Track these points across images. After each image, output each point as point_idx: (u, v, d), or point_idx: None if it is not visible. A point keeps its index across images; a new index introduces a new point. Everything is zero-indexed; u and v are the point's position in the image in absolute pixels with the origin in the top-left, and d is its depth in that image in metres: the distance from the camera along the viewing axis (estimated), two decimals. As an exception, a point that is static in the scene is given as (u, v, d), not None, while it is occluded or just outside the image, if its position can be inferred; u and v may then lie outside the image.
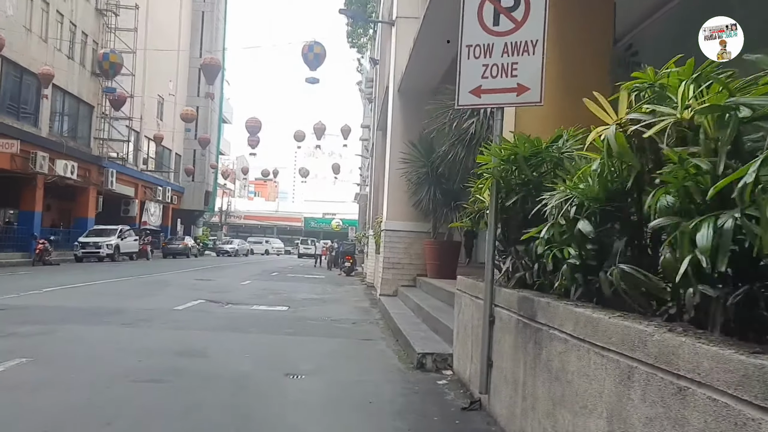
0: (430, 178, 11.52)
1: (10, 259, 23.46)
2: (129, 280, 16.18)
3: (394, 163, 12.25)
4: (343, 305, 12.59)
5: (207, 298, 12.18)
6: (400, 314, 9.05)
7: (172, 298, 11.95)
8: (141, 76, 36.60)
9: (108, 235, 28.56)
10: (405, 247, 12.19)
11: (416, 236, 12.19)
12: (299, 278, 21.99)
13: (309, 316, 10.08)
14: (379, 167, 19.00)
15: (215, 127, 52.47)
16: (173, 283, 15.71)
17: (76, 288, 13.14)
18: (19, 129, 24.15)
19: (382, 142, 18.86)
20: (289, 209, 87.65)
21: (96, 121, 31.79)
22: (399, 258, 12.16)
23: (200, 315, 9.44)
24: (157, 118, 40.91)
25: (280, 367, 5.73)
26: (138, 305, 10.38)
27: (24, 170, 24.70)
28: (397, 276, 12.17)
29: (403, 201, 12.17)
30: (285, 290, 15.65)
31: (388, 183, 12.52)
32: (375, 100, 22.18)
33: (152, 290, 13.43)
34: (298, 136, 33.13)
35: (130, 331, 7.56)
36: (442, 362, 5.75)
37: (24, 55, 24.16)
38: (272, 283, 18.12)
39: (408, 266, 12.19)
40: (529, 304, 3.45)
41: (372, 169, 22.00)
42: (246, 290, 14.96)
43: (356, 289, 17.86)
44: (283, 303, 12.32)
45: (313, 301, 13.19)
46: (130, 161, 37.44)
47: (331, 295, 15.20)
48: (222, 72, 54.72)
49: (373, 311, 11.50)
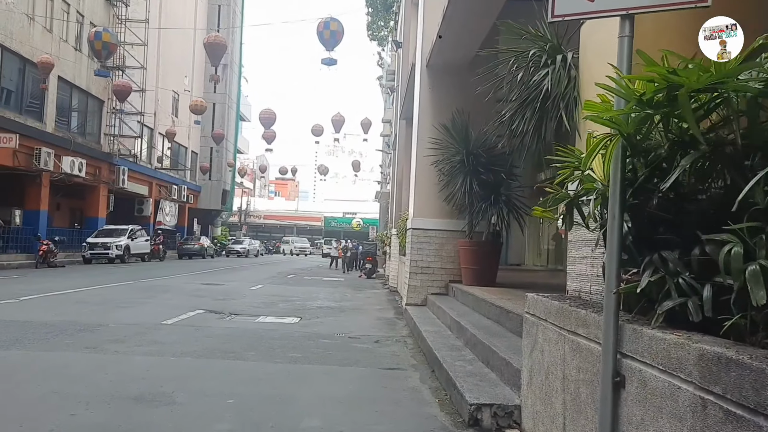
0: (466, 167, 9.75)
1: (13, 261, 22.19)
2: (127, 285, 14.64)
3: (422, 150, 10.50)
4: (363, 315, 10.89)
5: (207, 308, 10.56)
6: (434, 333, 7.30)
7: (166, 307, 10.35)
8: (154, 71, 35.31)
9: (118, 236, 27.21)
10: (435, 248, 10.43)
11: (449, 236, 10.43)
12: (316, 281, 20.34)
13: (323, 332, 8.38)
14: (403, 160, 17.27)
15: (232, 124, 51.13)
16: (174, 289, 14.13)
17: (61, 295, 11.61)
18: (21, 123, 22.83)
19: (407, 132, 17.13)
20: (309, 208, 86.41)
21: (106, 116, 30.49)
22: (428, 261, 10.42)
23: (190, 333, 7.79)
24: (171, 115, 39.64)
25: (273, 425, 4.02)
26: (120, 318, 8.78)
27: (28, 167, 23.40)
28: (426, 282, 10.43)
29: (433, 195, 10.42)
30: (299, 296, 13.99)
31: (415, 174, 10.77)
32: (398, 88, 20.47)
33: (147, 297, 11.85)
34: (316, 130, 31.48)
35: (90, 358, 5.92)
36: (505, 418, 4.00)
37: (26, 45, 22.85)
38: (285, 288, 16.48)
39: (439, 271, 10.44)
40: (749, 377, 1.69)
41: (394, 164, 20.29)
42: (255, 297, 13.33)
43: (378, 294, 16.14)
44: (295, 313, 10.66)
45: (329, 310, 11.50)
46: (143, 159, 36.18)
47: (350, 302, 13.51)
48: (239, 69, 53.46)
49: (399, 324, 9.77)
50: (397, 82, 22.78)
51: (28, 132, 23.06)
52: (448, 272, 10.45)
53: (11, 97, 23.39)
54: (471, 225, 10.03)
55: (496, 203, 9.55)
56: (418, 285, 10.45)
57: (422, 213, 10.55)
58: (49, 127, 25.03)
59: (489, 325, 6.42)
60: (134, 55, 31.04)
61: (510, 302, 6.73)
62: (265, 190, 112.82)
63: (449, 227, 10.45)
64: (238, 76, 52.30)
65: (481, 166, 9.75)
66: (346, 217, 76.55)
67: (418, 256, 10.46)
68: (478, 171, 9.73)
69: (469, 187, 9.72)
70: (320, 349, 7.00)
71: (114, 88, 26.06)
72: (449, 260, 10.43)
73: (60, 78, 25.81)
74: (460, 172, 9.93)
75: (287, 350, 6.77)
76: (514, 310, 5.94)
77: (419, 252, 10.46)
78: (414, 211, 10.61)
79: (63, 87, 26.34)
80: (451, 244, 10.43)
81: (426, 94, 10.79)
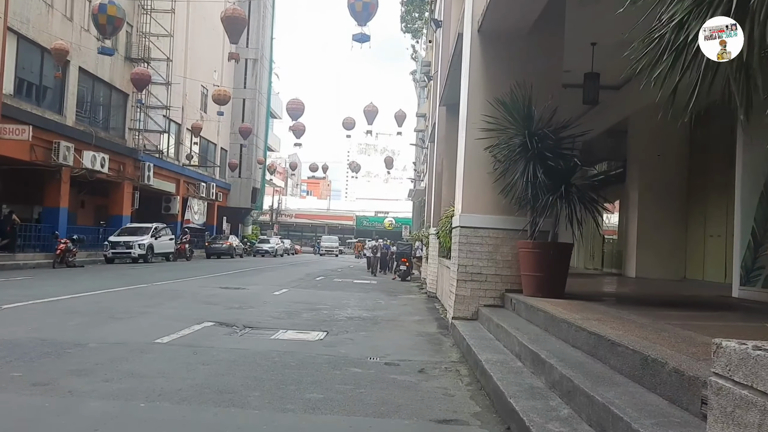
0: (528, 151, 7.93)
1: (30, 261, 21.08)
2: (136, 290, 13.18)
3: (473, 134, 8.70)
4: (400, 330, 9.16)
5: (217, 319, 8.95)
6: (498, 364, 5.52)
7: (168, 319, 8.77)
8: (181, 64, 34.19)
9: (141, 234, 26.00)
10: (489, 250, 8.62)
11: (505, 236, 8.62)
12: (346, 285, 18.68)
13: (352, 355, 6.68)
14: (444, 151, 15.49)
15: (263, 121, 49.95)
16: (186, 294, 12.60)
17: (53, 303, 10.15)
18: (38, 116, 21.72)
19: (448, 119, 15.35)
20: (341, 207, 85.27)
21: (131, 110, 29.39)
22: (480, 266, 8.61)
23: (184, 357, 6.15)
24: (200, 110, 38.54)
25: None
26: (106, 335, 7.21)
27: (46, 162, 22.30)
28: (477, 292, 8.62)
29: (486, 186, 8.62)
30: (326, 303, 12.34)
31: (464, 163, 8.96)
32: (437, 74, 18.71)
33: (150, 306, 10.32)
34: (348, 123, 29.83)
35: (25, 405, 4.28)
36: None
37: (44, 33, 21.70)
38: (312, 293, 14.84)
39: (492, 278, 8.63)
40: None
41: (432, 156, 18.51)
42: (276, 304, 11.71)
43: (415, 301, 14.39)
44: (320, 326, 8.99)
45: (360, 322, 9.81)
46: (170, 155, 35.10)
47: (385, 310, 11.79)
48: (270, 64, 52.20)
49: (445, 343, 8.02)
50: (435, 68, 21.00)
51: (45, 125, 21.97)
52: (503, 280, 8.63)
53: (30, 89, 22.30)
54: (534, 222, 8.21)
55: (566, 195, 7.71)
56: (468, 295, 8.65)
57: (472, 208, 8.75)
58: (69, 120, 23.93)
59: (582, 360, 4.61)
60: (160, 46, 29.88)
61: (605, 326, 4.91)
62: (297, 189, 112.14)
63: (506, 225, 8.64)
64: (269, 71, 51.08)
65: (547, 149, 7.92)
66: (378, 216, 75.25)
67: (467, 259, 8.66)
68: (543, 156, 7.90)
69: (533, 176, 7.90)
70: (348, 384, 5.27)
71: (132, 76, 24.73)
72: (505, 265, 8.61)
73: (81, 69, 24.72)
74: (520, 158, 8.11)
75: (304, 387, 5.06)
76: (622, 341, 4.14)
77: (469, 255, 8.66)
78: (462, 206, 8.81)
79: (84, 79, 25.24)
80: (507, 245, 8.61)
81: (478, 63, 8.97)
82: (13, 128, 18.15)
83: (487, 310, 8.25)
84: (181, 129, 35.86)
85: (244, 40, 47.57)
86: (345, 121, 30.14)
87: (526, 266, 8.16)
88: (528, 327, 6.55)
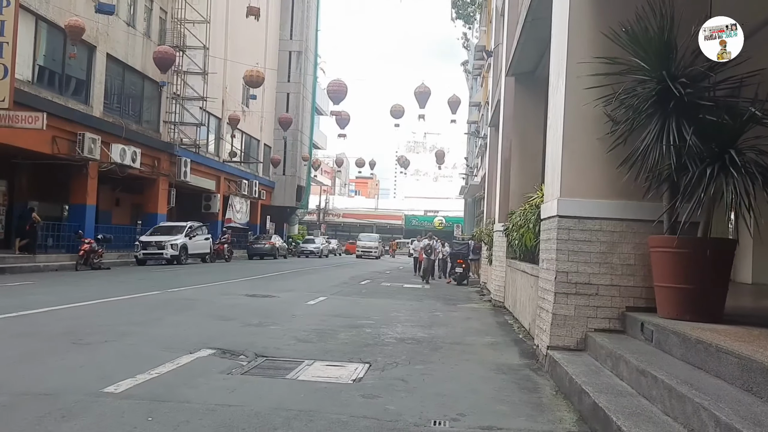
0: (669, 101, 5.25)
1: (54, 262, 19.38)
2: (138, 299, 10.96)
3: (576, 84, 6.02)
4: (472, 362, 6.58)
5: (220, 346, 6.57)
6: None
7: (152, 345, 6.45)
8: (221, 55, 32.39)
9: (175, 234, 24.15)
10: (601, 250, 5.95)
11: (626, 229, 5.94)
12: (395, 291, 16.18)
13: (407, 418, 4.18)
14: (513, 130, 12.81)
15: (307, 116, 48.02)
16: (199, 305, 10.31)
17: (16, 318, 7.98)
18: (60, 105, 20.02)
19: (517, 92, 12.69)
20: (390, 206, 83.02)
21: (166, 102, 27.65)
22: (589, 273, 5.94)
23: (127, 427, 3.75)
24: (242, 104, 36.70)
25: None
26: (42, 376, 4.91)
27: (70, 155, 20.60)
28: (584, 310, 5.96)
29: (597, 158, 5.96)
30: (371, 316, 9.88)
31: (563, 126, 6.24)
32: (504, 39, 16.07)
33: (142, 323, 8.03)
34: (396, 111, 27.33)
35: None
36: None
37: (66, 15, 19.91)
38: (355, 302, 12.39)
39: (607, 290, 5.95)
40: None
41: (497, 141, 15.84)
42: (307, 318, 9.30)
43: (479, 312, 11.78)
44: (360, 353, 6.55)
45: (415, 345, 7.29)
46: (210, 151, 33.36)
47: (445, 327, 9.23)
48: (315, 57, 50.19)
49: (544, 388, 5.39)
50: (496, 41, 18.28)
51: (69, 115, 20.26)
52: (623, 293, 5.95)
53: (52, 77, 20.64)
54: (674, 209, 5.52)
55: (733, 166, 4.96)
56: (570, 314, 6.00)
57: (575, 190, 6.09)
58: (96, 110, 22.21)
59: None
60: (196, 34, 28.07)
61: None
62: (345, 189, 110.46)
63: (627, 213, 5.96)
64: (314, 64, 49.10)
65: (700, 97, 5.22)
66: (427, 215, 72.75)
67: (569, 263, 6.01)
68: (694, 107, 5.21)
69: (676, 138, 5.21)
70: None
71: (155, 55, 22.74)
72: (627, 271, 5.93)
73: (109, 56, 22.98)
74: (654, 113, 5.44)
75: None
76: None
77: (572, 257, 6.01)
78: (561, 187, 6.14)
79: (113, 67, 23.51)
80: (629, 242, 5.93)
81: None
82: (26, 116, 16.33)
83: (604, 339, 5.59)
84: (221, 123, 34.08)
85: (287, 30, 45.82)
86: (393, 109, 27.63)
87: (663, 274, 5.47)
88: (704, 379, 3.87)
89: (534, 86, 12.51)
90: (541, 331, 6.58)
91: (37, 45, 19.48)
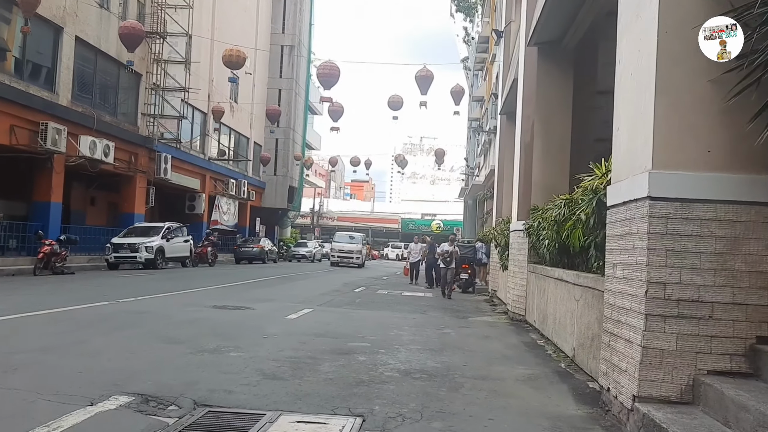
0: None
1: (11, 266, 17.19)
2: (70, 313, 8.79)
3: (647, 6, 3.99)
4: (508, 412, 4.50)
5: (145, 390, 4.47)
6: None
7: (47, 388, 4.34)
8: (207, 45, 30.34)
9: (151, 235, 21.96)
10: (717, 250, 3.90)
11: (757, 217, 3.89)
12: (394, 300, 14.08)
13: None
14: (535, 109, 10.72)
15: (300, 114, 45.88)
16: (146, 321, 8.15)
17: None
18: (19, 90, 17.84)
19: (540, 66, 10.63)
20: (386, 210, 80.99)
21: (145, 93, 25.51)
22: (698, 285, 3.89)
23: None
24: (230, 100, 34.56)
25: None
26: None
27: (30, 147, 18.45)
28: (692, 342, 3.89)
29: (709, 110, 3.92)
30: (365, 335, 7.78)
31: (657, 63, 4.09)
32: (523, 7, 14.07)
33: (66, 346, 5.91)
34: (394, 102, 25.28)
35: None
36: None
37: (27, -9, 17.78)
38: (346, 315, 10.28)
39: (726, 311, 3.89)
40: None
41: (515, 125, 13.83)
42: (282, 339, 7.19)
43: (498, 329, 9.67)
44: (349, 398, 4.51)
45: (425, 384, 5.21)
46: (195, 148, 31.22)
47: (459, 351, 7.12)
48: (308, 53, 48.09)
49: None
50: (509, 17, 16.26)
51: (29, 101, 18.11)
52: (753, 315, 3.88)
53: (10, 60, 18.50)
54: None
55: None
56: (671, 348, 3.91)
57: (677, 159, 4.00)
58: (62, 99, 20.04)
59: None
60: (178, 20, 25.98)
61: None
62: (340, 192, 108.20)
63: (759, 194, 3.90)
64: (307, 60, 46.97)
65: None
66: (425, 218, 70.68)
67: (666, 270, 3.93)
68: None
69: None
70: None
71: (121, 31, 20.41)
72: (758, 282, 3.87)
73: (78, 39, 20.81)
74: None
75: None
76: None
77: (670, 260, 3.94)
78: (653, 154, 4.03)
79: (83, 51, 21.33)
80: (763, 238, 3.87)
81: None
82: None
83: (729, 387, 3.51)
84: (206, 119, 31.95)
85: (279, 24, 43.75)
86: (391, 100, 25.57)
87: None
88: None
89: (561, 58, 10.52)
90: (614, 369, 4.48)
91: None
